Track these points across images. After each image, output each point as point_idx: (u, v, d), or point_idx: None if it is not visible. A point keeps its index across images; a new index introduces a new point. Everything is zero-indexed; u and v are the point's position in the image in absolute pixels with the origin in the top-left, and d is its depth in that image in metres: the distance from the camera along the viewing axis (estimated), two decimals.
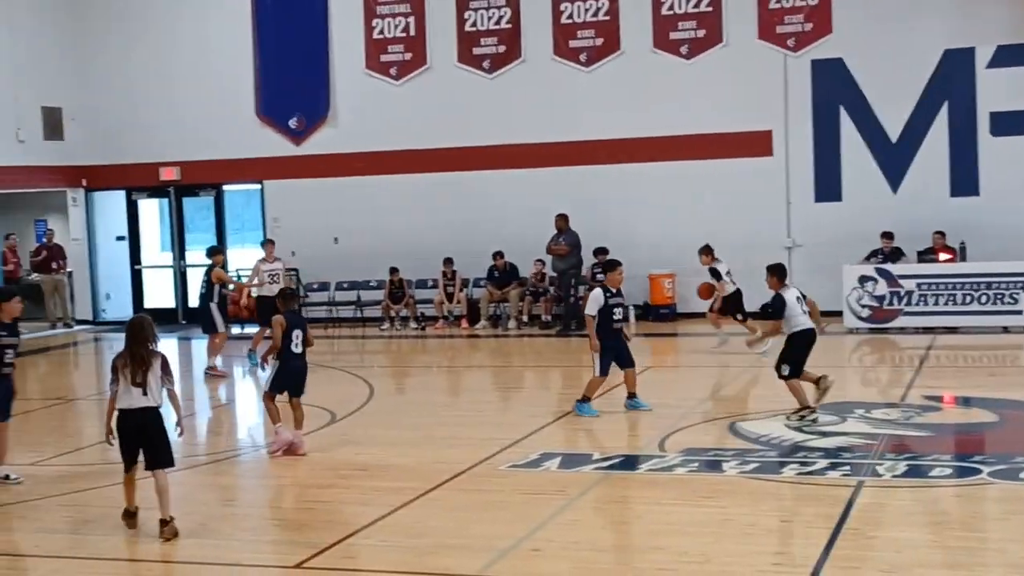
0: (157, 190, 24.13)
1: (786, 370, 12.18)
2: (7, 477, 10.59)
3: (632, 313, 20.95)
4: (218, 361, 17.03)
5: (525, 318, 21.01)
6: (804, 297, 12.47)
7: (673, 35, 21.04)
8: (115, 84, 23.66)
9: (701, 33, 20.92)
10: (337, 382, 16.15)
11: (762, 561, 7.64)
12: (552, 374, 17.09)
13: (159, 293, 24.44)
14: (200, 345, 21.06)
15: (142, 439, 8.82)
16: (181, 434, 9.37)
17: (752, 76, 20.66)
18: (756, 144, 20.70)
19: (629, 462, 10.52)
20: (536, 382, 16.64)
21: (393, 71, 22.31)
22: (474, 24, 21.86)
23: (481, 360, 19.10)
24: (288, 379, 11.59)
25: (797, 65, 20.56)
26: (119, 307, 24.23)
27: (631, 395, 12.88)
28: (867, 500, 9.09)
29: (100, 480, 10.73)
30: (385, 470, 10.72)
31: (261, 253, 23.37)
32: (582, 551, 8.04)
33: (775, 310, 12.38)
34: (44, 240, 24.25)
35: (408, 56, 22.21)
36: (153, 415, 8.84)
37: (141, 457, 8.93)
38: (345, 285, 22.43)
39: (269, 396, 11.63)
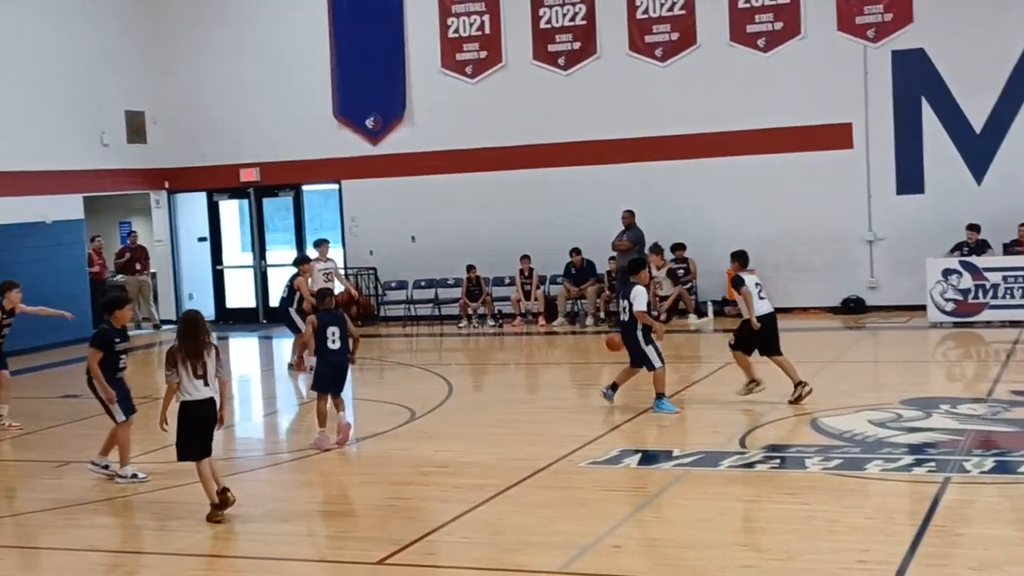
0: (237, 191, 24.45)
1: (732, 340, 13.10)
2: (134, 476, 10.77)
3: (711, 309, 20.87)
4: (306, 359, 17.19)
5: (602, 315, 20.95)
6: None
7: (750, 28, 20.85)
8: (195, 87, 24.01)
9: (779, 26, 20.71)
10: (416, 380, 16.25)
11: (846, 559, 7.55)
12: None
13: (240, 293, 24.76)
14: (280, 344, 21.32)
15: (205, 427, 9.30)
16: (221, 424, 9.64)
17: (831, 68, 20.41)
18: (835, 137, 20.44)
19: (710, 459, 10.45)
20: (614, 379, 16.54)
21: (468, 69, 22.38)
22: (549, 21, 21.84)
23: (559, 357, 19.10)
24: (327, 375, 11.95)
25: (877, 56, 20.25)
26: (201, 307, 24.46)
27: (613, 386, 13.11)
28: (953, 497, 8.94)
29: (186, 477, 10.89)
30: (465, 467, 10.76)
31: (339, 252, 23.76)
32: (663, 548, 8.01)
33: (736, 282, 13.05)
34: (128, 242, 24.69)
35: (483, 54, 22.26)
36: (212, 405, 9.37)
37: None
38: (423, 283, 22.56)
39: (320, 397, 11.95)
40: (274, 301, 24.47)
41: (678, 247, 20.99)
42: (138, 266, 24.02)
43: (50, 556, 8.85)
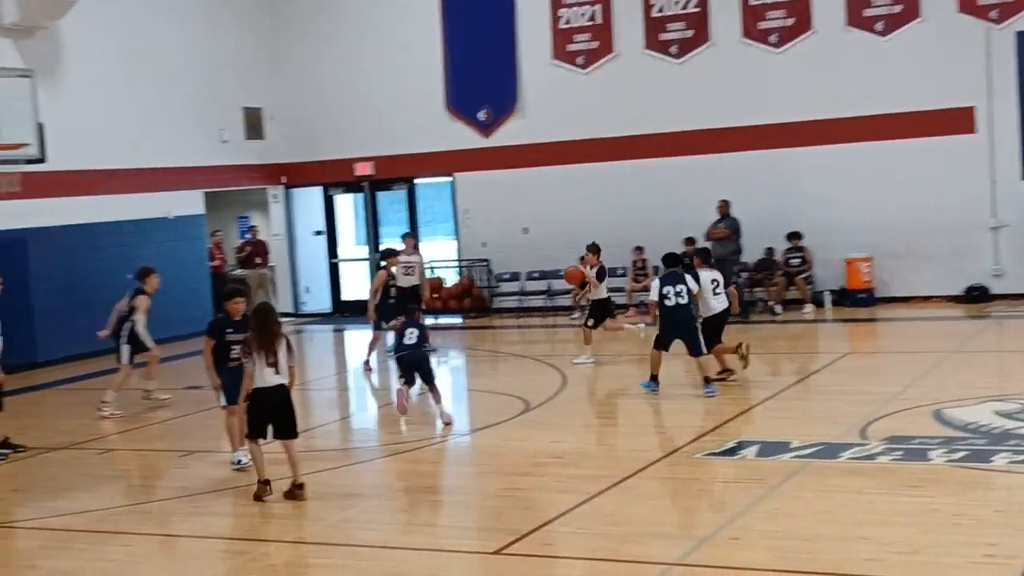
0: (352, 185, 24.76)
1: (704, 348, 13.50)
2: (239, 462, 11.04)
3: (828, 299, 20.52)
4: (372, 358, 17.38)
5: None
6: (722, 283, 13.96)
7: (867, 12, 20.41)
8: (310, 83, 24.37)
9: (898, 9, 20.23)
10: (529, 371, 16.27)
11: (972, 552, 7.36)
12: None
13: (355, 285, 25.08)
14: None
15: (274, 413, 9.76)
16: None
17: (952, 51, 19.87)
18: (957, 121, 19.91)
19: (830, 450, 10.27)
20: (733, 368, 16.33)
21: (580, 60, 22.32)
22: (661, 9, 21.67)
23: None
24: (407, 368, 12.80)
25: (1000, 38, 19.67)
26: (318, 300, 24.98)
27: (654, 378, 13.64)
28: None
29: (304, 467, 11.07)
30: (580, 458, 10.75)
31: (453, 244, 23.92)
32: (783, 540, 7.90)
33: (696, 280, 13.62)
34: (248, 236, 25.18)
35: (595, 44, 22.18)
36: (282, 391, 9.78)
37: None
38: (535, 275, 22.57)
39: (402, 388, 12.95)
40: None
41: (794, 236, 20.67)
42: (257, 260, 24.47)
43: (177, 543, 9.07)
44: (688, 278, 13.53)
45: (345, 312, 24.73)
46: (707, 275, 13.78)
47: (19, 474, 11.66)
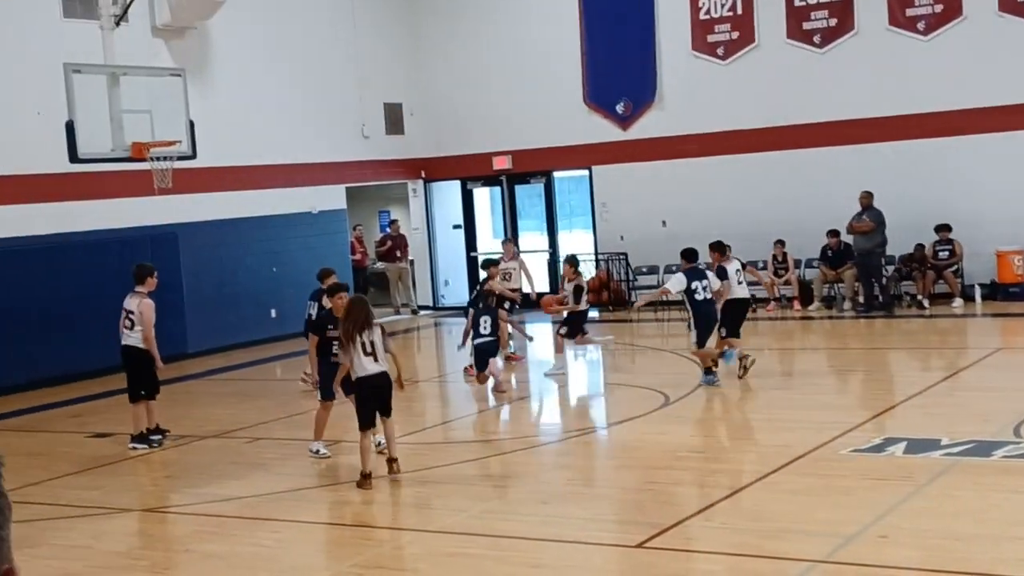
0: (490, 179, 24.92)
1: (724, 332, 14.12)
2: (317, 451, 11.39)
3: (978, 292, 19.92)
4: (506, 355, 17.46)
5: (861, 299, 20.29)
6: (745, 267, 14.82)
7: None
8: (449, 78, 24.59)
9: None
10: (670, 364, 16.16)
11: None
12: (893, 356, 16.45)
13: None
14: (532, 330, 21.63)
15: (378, 398, 10.14)
16: (402, 388, 10.51)
17: None
18: None
19: (982, 448, 9.96)
20: (876, 365, 16.02)
21: (720, 51, 22.06)
22: None
23: (815, 342, 18.63)
24: (479, 355, 14.38)
25: None
26: (456, 293, 25.20)
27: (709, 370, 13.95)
28: None
29: (444, 458, 11.21)
30: (721, 452, 10.64)
31: (590, 237, 23.89)
32: (933, 539, 7.69)
33: (720, 274, 14.16)
34: (388, 230, 25.52)
35: (735, 35, 21.89)
36: (384, 377, 10.19)
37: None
38: (674, 268, 22.27)
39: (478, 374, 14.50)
40: (527, 287, 24.89)
41: (943, 228, 20.11)
42: (398, 253, 24.81)
43: (323, 530, 9.26)
44: (710, 274, 14.07)
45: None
46: (731, 266, 14.36)
47: (172, 461, 12.05)
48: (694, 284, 13.76)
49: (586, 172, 23.78)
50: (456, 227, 25.56)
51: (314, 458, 11.35)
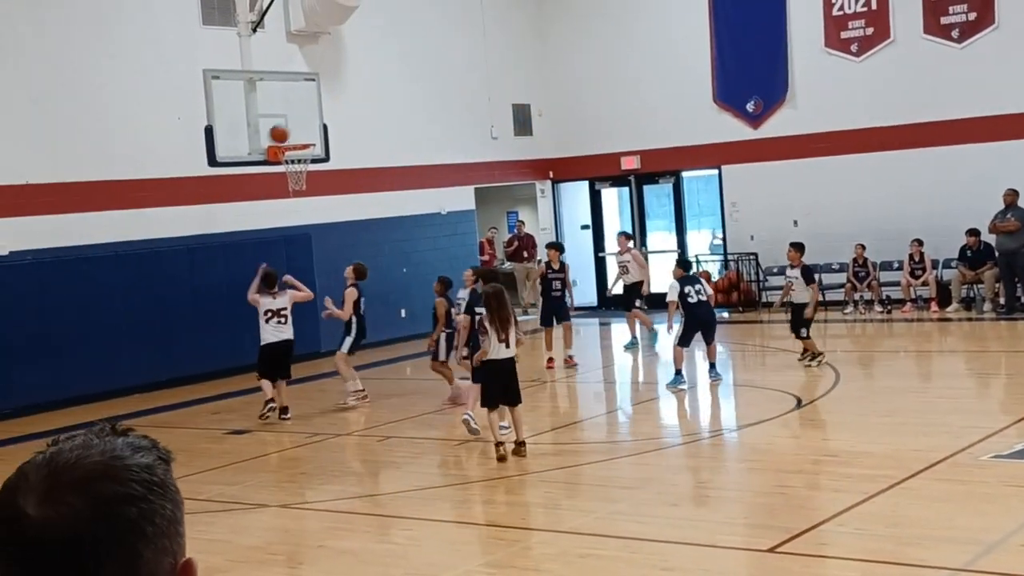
0: (618, 179, 24.85)
1: (804, 332, 15.28)
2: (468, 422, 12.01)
3: None
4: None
5: (1002, 300, 19.70)
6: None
7: None
8: (577, 78, 24.59)
9: None
10: (800, 367, 15.91)
11: None
12: None
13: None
14: (662, 329, 21.52)
15: (505, 382, 11.00)
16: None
17: None
18: None
19: None
20: (1018, 368, 15.55)
21: (854, 47, 21.62)
22: None
23: (953, 345, 18.15)
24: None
25: None
26: (584, 293, 25.16)
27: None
28: None
29: (572, 459, 11.22)
30: (856, 457, 10.43)
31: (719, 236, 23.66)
32: None
33: (811, 274, 15.63)
34: (516, 231, 25.66)
35: (870, 31, 21.44)
36: (513, 364, 11.14)
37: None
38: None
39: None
40: (655, 287, 24.77)
41: None
42: (525, 254, 24.90)
43: (454, 529, 9.35)
44: (703, 281, 15.11)
45: (611, 306, 24.82)
46: (792, 272, 15.70)
47: (307, 458, 12.29)
48: (687, 289, 14.43)
49: (715, 171, 23.55)
50: (584, 227, 25.55)
51: (470, 430, 11.90)
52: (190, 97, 15.97)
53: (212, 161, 14.95)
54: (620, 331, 22.65)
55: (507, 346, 10.99)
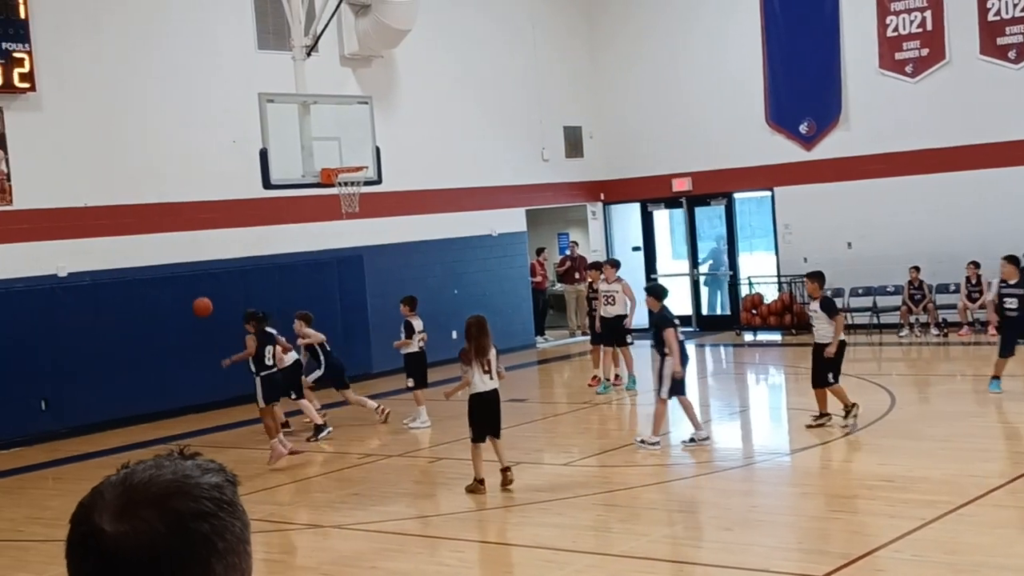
0: (670, 201, 24.79)
1: (831, 378, 12.89)
2: (643, 441, 12.22)
3: None
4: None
5: None
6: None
7: None
8: (628, 100, 24.59)
9: None
10: (855, 391, 15.72)
11: None
12: None
13: (673, 301, 24.99)
14: (716, 352, 21.42)
15: (489, 414, 10.86)
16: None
17: None
18: None
19: None
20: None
21: (909, 68, 21.46)
22: (998, 13, 20.52)
23: (1012, 369, 17.85)
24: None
25: None
26: (636, 315, 25.06)
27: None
28: None
29: (624, 481, 11.16)
30: (912, 482, 10.31)
31: (772, 259, 23.51)
32: None
33: (832, 307, 13.18)
34: (568, 252, 25.65)
35: (925, 52, 21.26)
36: (496, 395, 10.93)
37: None
38: (859, 291, 21.85)
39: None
40: (707, 308, 24.68)
41: None
42: (576, 276, 24.87)
43: (505, 551, 9.34)
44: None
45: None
46: (813, 305, 13.46)
47: (359, 479, 12.33)
48: (677, 321, 13.07)
49: (768, 193, 23.43)
50: (635, 249, 25.49)
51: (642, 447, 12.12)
52: (245, 120, 16.14)
53: (266, 183, 15.08)
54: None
55: (491, 377, 10.86)
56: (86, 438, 15.38)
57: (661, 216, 25.65)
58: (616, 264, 17.83)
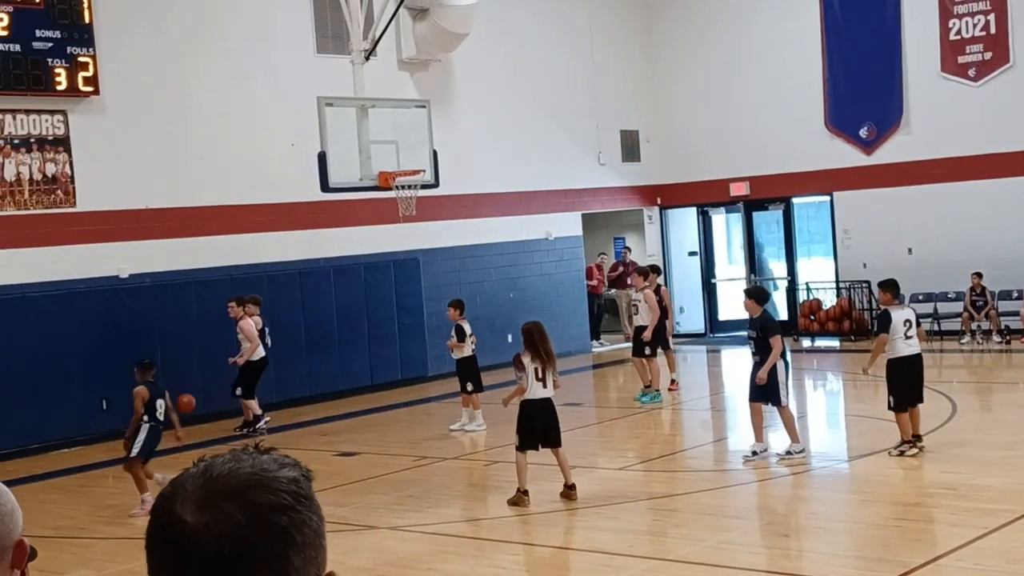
0: (727, 205, 24.64)
1: (892, 403, 11.59)
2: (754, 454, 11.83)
3: None
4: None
5: None
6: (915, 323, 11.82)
7: None
8: (685, 105, 24.48)
9: None
10: None
11: None
12: None
13: (730, 306, 24.89)
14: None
15: (543, 423, 10.53)
16: None
17: None
18: None
19: None
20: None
21: (971, 72, 21.17)
22: None
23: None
24: None
25: None
26: (692, 320, 24.99)
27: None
28: None
29: (679, 486, 11.10)
30: (975, 490, 10.15)
31: (831, 265, 23.28)
32: None
33: (881, 323, 11.80)
34: (621, 257, 25.58)
35: (988, 55, 20.97)
36: (551, 404, 10.64)
37: None
38: (920, 297, 21.57)
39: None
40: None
41: None
42: (628, 281, 24.76)
43: (562, 555, 9.31)
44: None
45: (720, 332, 24.62)
46: (900, 314, 11.74)
47: (415, 481, 12.36)
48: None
49: (827, 198, 23.22)
50: (692, 254, 25.37)
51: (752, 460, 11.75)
52: (304, 124, 16.27)
53: (325, 187, 15.19)
54: (731, 357, 22.45)
55: (544, 386, 10.56)
56: None
57: (718, 221, 25.51)
58: (645, 273, 17.12)
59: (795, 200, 23.96)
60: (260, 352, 15.48)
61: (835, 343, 22.02)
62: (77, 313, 15.75)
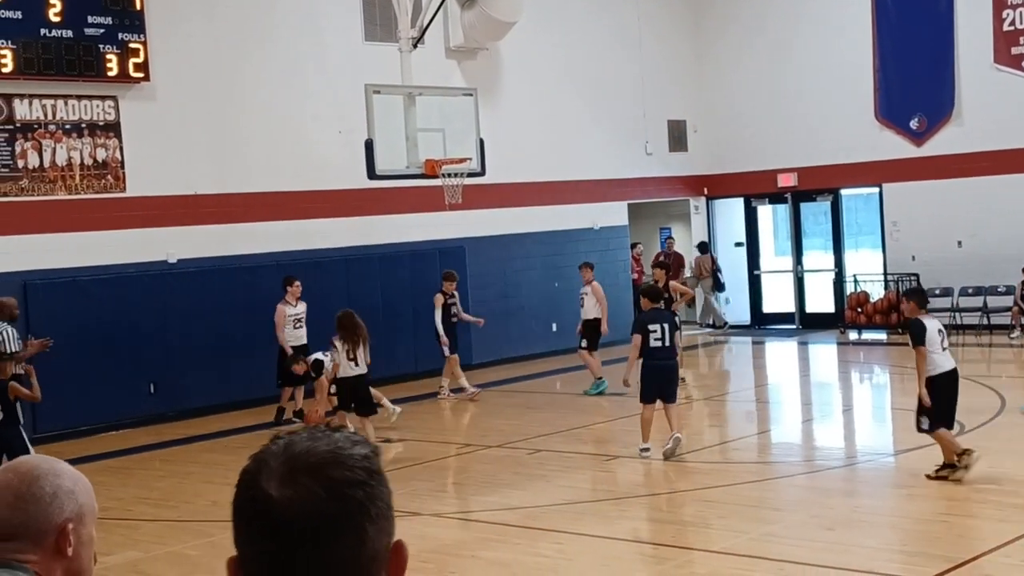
0: (774, 196, 24.48)
1: (925, 423, 10.37)
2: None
3: None
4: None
5: None
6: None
7: None
8: (733, 94, 24.33)
9: None
10: (963, 391, 15.35)
11: None
12: None
13: (776, 298, 24.76)
14: (817, 350, 21.15)
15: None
16: None
17: None
18: None
19: None
20: None
21: None
22: None
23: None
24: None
25: None
26: (738, 311, 24.87)
27: None
28: None
29: (724, 478, 11.07)
30: (1022, 486, 10.05)
31: (879, 257, 23.09)
32: None
33: (915, 335, 10.43)
34: (665, 247, 25.49)
35: None
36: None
37: None
38: (969, 291, 21.35)
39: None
40: (811, 306, 24.27)
41: None
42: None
43: (604, 544, 9.30)
44: (672, 318, 12.91)
45: (766, 324, 24.49)
46: (933, 324, 10.61)
47: (459, 469, 12.42)
48: (651, 327, 11.82)
49: (876, 190, 23.01)
50: (738, 245, 25.24)
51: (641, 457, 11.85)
52: (352, 111, 16.32)
53: (371, 174, 15.25)
54: (776, 349, 22.33)
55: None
56: (191, 421, 15.72)
57: (765, 212, 25.36)
58: (591, 265, 17.57)
59: (843, 191, 23.77)
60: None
61: (882, 336, 21.85)
62: (126, 297, 15.91)
